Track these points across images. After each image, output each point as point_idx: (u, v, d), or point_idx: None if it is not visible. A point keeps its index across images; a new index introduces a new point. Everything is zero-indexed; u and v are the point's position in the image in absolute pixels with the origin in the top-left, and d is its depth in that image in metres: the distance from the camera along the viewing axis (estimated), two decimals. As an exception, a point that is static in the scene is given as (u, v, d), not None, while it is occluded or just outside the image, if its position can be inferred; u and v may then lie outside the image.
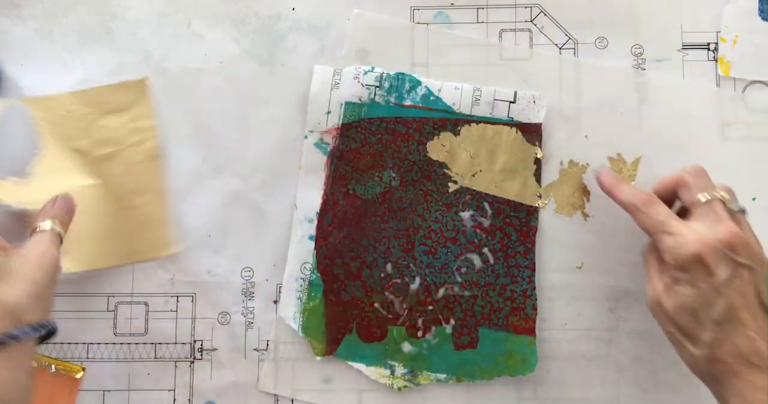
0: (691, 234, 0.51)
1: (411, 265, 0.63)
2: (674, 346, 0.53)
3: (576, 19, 0.64)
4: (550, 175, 0.63)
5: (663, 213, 0.54)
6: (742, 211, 0.54)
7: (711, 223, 0.52)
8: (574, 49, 0.64)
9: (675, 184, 0.56)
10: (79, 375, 0.64)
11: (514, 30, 0.64)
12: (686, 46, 0.64)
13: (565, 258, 0.62)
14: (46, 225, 0.53)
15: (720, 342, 0.49)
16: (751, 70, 0.63)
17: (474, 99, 0.63)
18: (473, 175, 0.62)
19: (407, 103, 0.63)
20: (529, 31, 0.64)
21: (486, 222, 0.62)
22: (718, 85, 0.63)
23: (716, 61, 0.63)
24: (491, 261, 0.62)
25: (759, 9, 0.63)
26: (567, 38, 0.64)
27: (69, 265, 0.64)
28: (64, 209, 0.57)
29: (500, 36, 0.64)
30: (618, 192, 0.57)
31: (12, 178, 0.63)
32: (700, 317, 0.50)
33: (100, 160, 0.65)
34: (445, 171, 0.63)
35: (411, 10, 0.65)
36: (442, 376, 0.62)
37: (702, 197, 0.53)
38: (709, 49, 0.64)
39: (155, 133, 0.65)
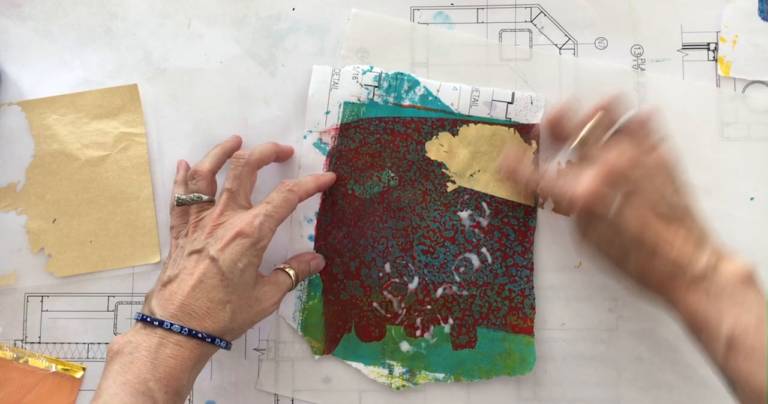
0: (578, 186, 0.53)
1: (409, 265, 0.63)
2: (618, 278, 0.56)
3: (576, 19, 0.64)
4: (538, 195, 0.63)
5: (550, 180, 0.57)
6: (617, 131, 0.55)
7: (585, 168, 0.54)
8: (574, 49, 0.64)
9: (555, 125, 0.58)
10: (79, 375, 0.65)
11: (514, 30, 0.64)
12: (686, 46, 0.64)
13: (564, 257, 0.62)
14: (292, 272, 0.60)
15: (643, 263, 0.53)
16: (751, 70, 0.63)
17: (472, 99, 0.63)
18: (471, 175, 0.62)
19: (406, 103, 0.63)
20: (529, 31, 0.64)
21: (484, 222, 0.62)
22: (718, 85, 0.63)
23: (716, 61, 0.63)
24: (489, 260, 0.62)
25: (759, 9, 0.63)
26: (567, 38, 0.64)
27: (55, 270, 0.64)
28: (307, 267, 0.62)
29: (500, 36, 0.64)
30: (517, 178, 0.60)
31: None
32: (617, 249, 0.54)
33: (89, 165, 0.65)
34: (444, 171, 0.63)
35: (411, 10, 0.65)
36: (441, 376, 0.62)
37: (576, 138, 0.56)
38: (709, 49, 0.63)
39: (144, 139, 0.65)
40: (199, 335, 0.53)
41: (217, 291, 0.54)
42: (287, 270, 0.60)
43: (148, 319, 0.53)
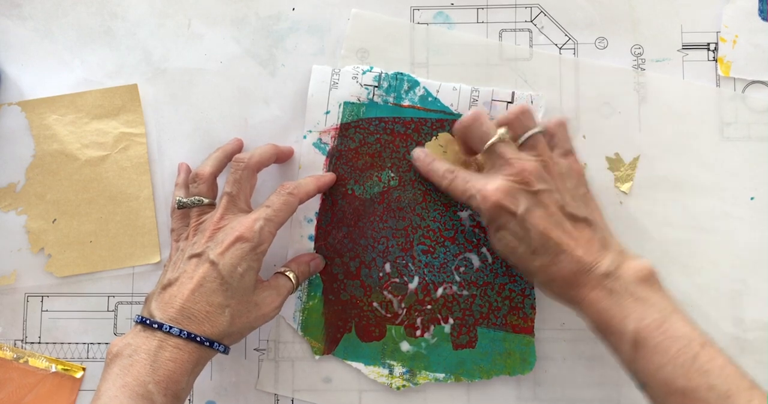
0: (485, 188, 0.55)
1: (410, 265, 0.63)
2: (526, 278, 0.59)
3: (576, 19, 0.64)
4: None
5: (461, 180, 0.58)
6: (533, 135, 0.56)
7: (498, 168, 0.55)
8: (574, 49, 0.64)
9: (463, 137, 0.59)
10: (79, 375, 0.65)
11: (514, 30, 0.64)
12: (686, 46, 0.64)
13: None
14: (292, 276, 0.60)
15: (547, 266, 0.54)
16: (751, 70, 0.63)
17: (472, 100, 0.63)
18: (471, 175, 0.62)
19: (405, 103, 0.63)
20: (529, 31, 0.64)
21: (484, 222, 0.62)
22: (718, 85, 0.63)
23: (716, 61, 0.63)
24: (490, 260, 0.62)
25: (759, 9, 0.63)
26: (567, 38, 0.64)
27: (55, 270, 0.64)
28: (307, 268, 0.62)
29: (500, 36, 0.64)
30: (432, 172, 0.60)
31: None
32: (522, 252, 0.55)
33: (89, 165, 0.65)
34: (444, 170, 0.63)
35: (411, 10, 0.65)
36: (441, 376, 0.62)
37: (483, 146, 0.56)
38: (709, 49, 0.63)
39: (144, 139, 0.65)
40: (198, 339, 0.53)
41: (217, 295, 0.54)
42: (287, 273, 0.60)
43: (148, 322, 0.53)
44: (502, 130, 0.56)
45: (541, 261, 0.54)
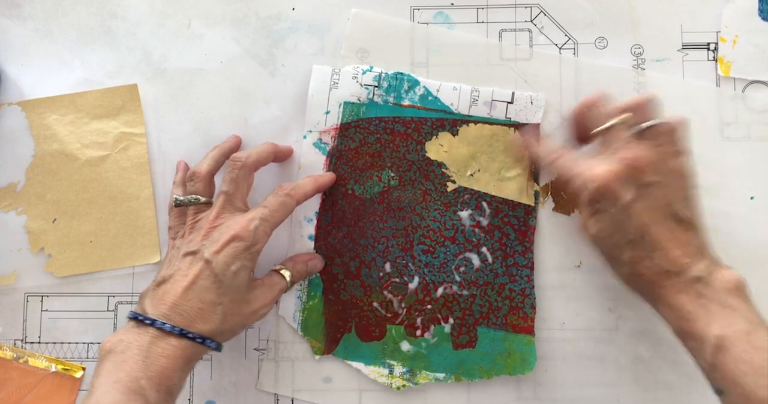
0: (595, 169, 0.53)
1: (410, 264, 0.63)
2: (609, 267, 0.56)
3: (576, 19, 0.64)
4: (548, 174, 0.63)
5: (570, 158, 0.57)
6: (657, 126, 0.55)
7: (614, 151, 0.54)
8: (574, 49, 0.64)
9: (581, 118, 0.58)
10: (79, 375, 0.65)
11: (514, 30, 0.64)
12: (686, 46, 0.64)
13: (564, 257, 0.62)
14: (287, 274, 0.61)
15: (638, 259, 0.53)
16: (751, 70, 0.63)
17: (472, 99, 0.63)
18: (471, 175, 0.62)
19: (406, 102, 0.63)
20: (529, 31, 0.64)
21: (484, 222, 0.62)
22: (718, 85, 0.63)
23: (716, 61, 0.63)
24: (490, 260, 0.62)
25: (759, 9, 0.63)
26: (567, 38, 0.64)
27: (55, 270, 0.64)
28: (304, 267, 0.62)
29: (500, 36, 0.64)
30: (536, 149, 0.60)
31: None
32: (617, 240, 0.53)
33: (89, 165, 0.65)
34: (444, 170, 0.63)
35: (411, 10, 0.65)
36: (441, 375, 0.62)
37: (602, 126, 0.55)
38: (709, 49, 0.63)
39: (144, 139, 0.65)
40: (190, 335, 0.53)
41: (209, 293, 0.54)
42: (282, 271, 0.60)
43: (140, 318, 0.53)
44: (626, 115, 0.55)
45: (634, 253, 0.53)
